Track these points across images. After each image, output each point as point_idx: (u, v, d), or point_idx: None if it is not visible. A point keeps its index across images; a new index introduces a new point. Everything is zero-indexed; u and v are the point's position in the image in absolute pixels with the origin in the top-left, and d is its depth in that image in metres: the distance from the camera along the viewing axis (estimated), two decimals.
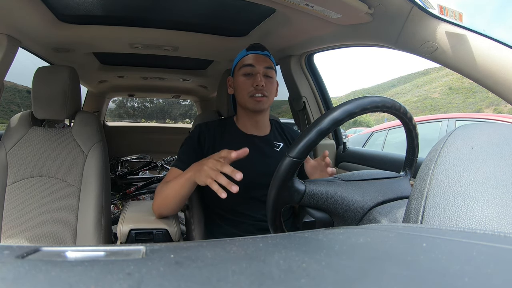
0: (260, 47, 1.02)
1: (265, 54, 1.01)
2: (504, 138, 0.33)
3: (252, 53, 1.01)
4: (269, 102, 1.00)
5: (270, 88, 0.99)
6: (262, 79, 0.97)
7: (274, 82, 1.02)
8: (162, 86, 2.49)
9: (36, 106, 1.12)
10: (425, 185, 0.33)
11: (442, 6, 0.75)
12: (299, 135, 0.54)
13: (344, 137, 1.92)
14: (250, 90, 0.97)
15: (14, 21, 1.05)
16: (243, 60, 1.01)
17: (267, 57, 1.01)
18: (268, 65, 0.99)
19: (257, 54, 1.00)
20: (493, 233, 0.23)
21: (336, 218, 0.58)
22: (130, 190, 2.35)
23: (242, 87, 0.98)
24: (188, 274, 0.17)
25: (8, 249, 0.21)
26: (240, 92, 1.00)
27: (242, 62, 1.01)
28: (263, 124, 1.05)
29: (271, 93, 1.00)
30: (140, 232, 0.94)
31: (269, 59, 1.01)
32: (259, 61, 0.99)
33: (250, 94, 0.97)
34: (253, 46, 1.02)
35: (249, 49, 1.02)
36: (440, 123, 3.23)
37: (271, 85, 1.00)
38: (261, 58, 0.99)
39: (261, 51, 1.01)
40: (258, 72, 0.97)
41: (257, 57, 0.99)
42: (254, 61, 0.98)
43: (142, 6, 1.15)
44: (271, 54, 1.04)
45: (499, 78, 0.70)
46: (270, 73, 1.00)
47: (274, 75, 1.02)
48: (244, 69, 0.99)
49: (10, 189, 1.08)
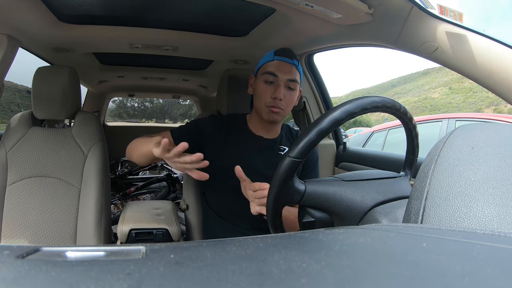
0: (289, 53, 0.95)
1: (292, 63, 0.94)
2: (504, 138, 0.33)
3: (279, 59, 0.94)
4: (285, 114, 0.96)
5: (289, 102, 0.94)
6: (282, 91, 0.92)
7: (295, 94, 0.96)
8: (162, 86, 2.49)
9: (36, 106, 1.13)
10: (425, 185, 0.33)
11: (442, 6, 0.75)
12: (299, 135, 0.54)
13: (344, 137, 1.92)
14: (268, 101, 0.92)
15: (14, 21, 1.05)
16: (267, 66, 0.94)
17: (293, 67, 0.94)
18: (293, 78, 0.93)
19: (284, 62, 0.94)
20: (493, 233, 0.23)
21: (336, 218, 0.58)
22: (130, 190, 2.36)
23: (261, 95, 0.94)
24: (188, 274, 0.17)
25: (8, 249, 0.21)
26: (257, 99, 0.96)
27: (266, 67, 0.95)
28: (275, 128, 1.03)
29: (288, 106, 0.95)
30: (140, 232, 0.94)
31: (296, 69, 0.95)
32: (284, 71, 0.92)
33: (267, 104, 0.93)
34: (282, 51, 0.95)
35: (277, 53, 0.95)
36: (440, 123, 3.23)
37: (291, 98, 0.95)
38: (287, 68, 0.93)
39: (289, 59, 0.94)
40: (279, 84, 0.92)
41: (283, 65, 0.93)
42: (278, 70, 0.92)
43: (142, 6, 1.15)
44: (301, 65, 0.96)
45: (499, 78, 0.70)
46: (294, 86, 0.94)
47: (298, 87, 0.96)
48: (266, 76, 0.93)
49: (10, 189, 1.08)
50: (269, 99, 0.93)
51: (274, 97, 0.92)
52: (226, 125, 1.01)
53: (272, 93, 0.92)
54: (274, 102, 0.92)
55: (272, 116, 0.94)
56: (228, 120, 1.03)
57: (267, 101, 0.93)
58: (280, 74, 0.92)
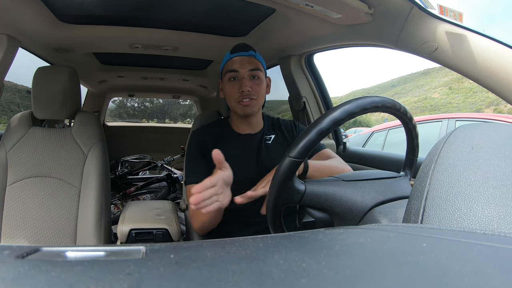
0: (243, 47, 0.98)
1: (249, 54, 0.97)
2: (504, 138, 0.33)
3: (236, 55, 0.96)
4: (258, 104, 0.98)
5: (257, 90, 0.96)
6: (247, 83, 0.94)
7: (263, 83, 0.98)
8: (162, 86, 2.49)
9: (36, 106, 1.13)
10: (425, 185, 0.33)
11: (442, 6, 0.75)
12: (299, 135, 0.54)
13: (344, 137, 1.92)
14: (237, 96, 0.94)
15: (14, 21, 1.05)
16: (228, 65, 0.97)
17: (252, 58, 0.97)
18: (253, 67, 0.95)
19: (241, 56, 0.96)
20: (493, 233, 0.23)
21: (336, 218, 0.58)
22: (130, 190, 2.36)
23: (229, 93, 0.96)
24: (188, 274, 0.17)
25: (8, 249, 0.21)
26: (228, 98, 0.98)
27: (227, 67, 0.97)
28: (256, 122, 1.04)
29: (259, 94, 0.97)
30: (140, 232, 0.94)
31: (255, 59, 0.97)
32: (243, 64, 0.95)
33: (237, 100, 0.95)
34: (237, 47, 0.98)
35: (233, 51, 0.98)
36: (440, 123, 3.23)
37: (259, 86, 0.96)
38: (246, 60, 0.95)
39: (245, 52, 0.97)
40: (243, 77, 0.94)
41: (241, 60, 0.95)
42: (238, 65, 0.95)
43: (142, 6, 1.15)
44: (259, 53, 0.99)
45: (499, 78, 0.70)
46: (257, 74, 0.96)
47: (262, 75, 0.98)
48: (229, 75, 0.96)
49: (10, 189, 1.08)
50: (237, 94, 0.94)
51: (241, 90, 0.94)
52: (215, 129, 1.03)
53: (238, 88, 0.94)
54: (242, 95, 0.94)
55: (246, 109, 0.95)
56: (215, 126, 1.05)
57: (236, 96, 0.95)
58: (240, 68, 0.95)
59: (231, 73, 0.96)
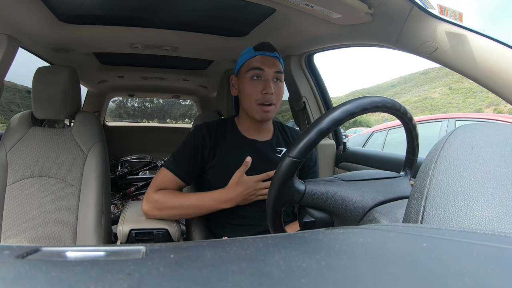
0: (269, 47, 0.93)
1: (274, 56, 0.92)
2: (504, 138, 0.33)
3: (261, 54, 0.91)
4: (276, 110, 0.93)
5: (279, 95, 0.92)
6: (272, 85, 0.89)
7: (283, 87, 0.94)
8: (162, 86, 2.49)
9: (36, 106, 1.13)
10: (425, 185, 0.33)
11: (442, 6, 0.75)
12: (299, 135, 0.54)
13: (344, 137, 1.93)
14: (259, 97, 0.89)
15: (14, 21, 1.05)
16: (251, 62, 0.91)
17: (276, 60, 0.92)
18: (278, 69, 0.91)
19: (267, 55, 0.91)
20: (493, 233, 0.23)
21: (336, 218, 0.58)
22: (130, 190, 2.36)
23: (250, 92, 0.90)
24: (188, 274, 0.17)
25: (8, 249, 0.21)
26: (246, 98, 0.92)
27: (249, 63, 0.91)
28: (266, 129, 1.00)
29: (279, 99, 0.93)
30: (140, 232, 0.94)
31: (279, 61, 0.93)
32: (269, 64, 0.90)
33: (258, 101, 0.90)
34: (262, 46, 0.92)
35: (258, 49, 0.92)
36: (440, 123, 3.23)
37: (280, 90, 0.92)
38: (271, 61, 0.90)
39: (271, 53, 0.92)
40: (268, 78, 0.89)
41: (267, 59, 0.90)
42: (263, 64, 0.90)
43: (142, 6, 1.15)
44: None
45: (499, 78, 0.70)
46: (280, 78, 0.92)
47: (283, 78, 0.94)
48: (253, 72, 0.90)
49: (10, 189, 1.08)
50: (259, 95, 0.89)
51: (265, 92, 0.89)
52: (218, 129, 0.97)
53: (262, 89, 0.89)
54: (265, 97, 0.89)
55: (265, 114, 0.91)
56: (216, 127, 0.97)
57: (258, 97, 0.90)
58: (266, 67, 0.90)
59: (256, 71, 0.90)
